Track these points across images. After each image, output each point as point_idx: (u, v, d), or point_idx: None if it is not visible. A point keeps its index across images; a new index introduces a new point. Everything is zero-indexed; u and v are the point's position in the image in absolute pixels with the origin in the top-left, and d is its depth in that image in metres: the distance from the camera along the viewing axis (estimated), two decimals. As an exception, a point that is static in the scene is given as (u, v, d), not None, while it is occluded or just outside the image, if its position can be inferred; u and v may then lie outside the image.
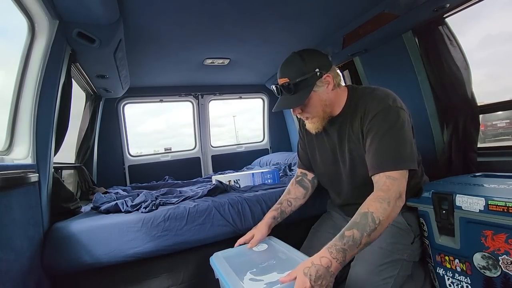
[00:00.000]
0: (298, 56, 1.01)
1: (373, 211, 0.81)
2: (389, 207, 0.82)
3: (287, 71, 1.02)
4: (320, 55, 1.04)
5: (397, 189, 0.85)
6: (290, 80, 1.00)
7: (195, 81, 2.88)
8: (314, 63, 0.99)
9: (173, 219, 1.28)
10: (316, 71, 0.98)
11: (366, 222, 0.79)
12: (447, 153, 1.65)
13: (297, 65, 1.00)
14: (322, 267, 0.74)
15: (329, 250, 0.77)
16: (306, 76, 0.98)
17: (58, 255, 1.11)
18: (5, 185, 0.87)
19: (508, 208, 0.82)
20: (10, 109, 1.11)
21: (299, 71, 0.99)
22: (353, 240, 0.78)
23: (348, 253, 0.77)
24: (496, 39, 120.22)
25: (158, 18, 1.47)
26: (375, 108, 0.95)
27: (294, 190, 1.30)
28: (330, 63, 1.04)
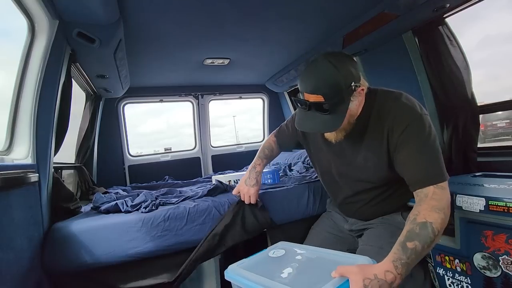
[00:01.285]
0: (332, 65, 0.84)
1: (432, 221, 0.75)
2: (444, 216, 0.78)
3: (321, 86, 0.85)
4: (350, 61, 0.90)
5: (448, 198, 0.82)
6: (325, 98, 0.85)
7: (195, 81, 2.88)
8: (350, 75, 0.86)
9: (173, 219, 1.28)
10: (352, 85, 0.86)
11: (427, 234, 0.74)
12: (447, 153, 1.65)
13: (332, 79, 0.84)
14: (386, 283, 0.67)
15: (394, 264, 0.70)
16: (343, 93, 0.85)
17: (58, 255, 1.11)
18: (5, 185, 0.87)
19: (509, 208, 0.82)
20: (10, 109, 1.11)
21: (335, 88, 0.84)
22: (415, 254, 0.72)
23: (411, 267, 0.72)
24: (494, 40, 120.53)
25: (158, 18, 1.47)
26: (406, 119, 0.88)
27: (276, 148, 1.43)
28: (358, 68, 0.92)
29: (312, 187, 1.57)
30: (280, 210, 1.48)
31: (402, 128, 0.88)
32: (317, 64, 0.87)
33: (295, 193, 1.54)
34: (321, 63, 0.86)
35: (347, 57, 0.91)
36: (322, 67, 0.86)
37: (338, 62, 0.85)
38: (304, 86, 0.89)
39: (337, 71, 0.84)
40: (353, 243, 1.22)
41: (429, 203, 0.80)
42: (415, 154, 0.86)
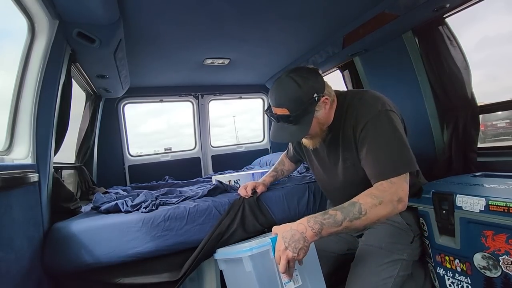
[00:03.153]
0: (293, 82, 0.94)
1: (362, 202, 0.84)
2: (379, 205, 0.84)
3: (284, 101, 0.95)
4: (314, 75, 0.98)
5: (395, 192, 0.86)
6: (289, 111, 0.94)
7: (195, 81, 2.88)
8: (311, 88, 0.94)
9: (173, 219, 1.28)
10: (314, 97, 0.94)
11: (352, 210, 0.83)
12: (447, 153, 1.65)
13: (294, 93, 0.93)
14: (297, 232, 0.81)
15: (308, 219, 0.83)
16: (306, 105, 0.93)
17: (58, 255, 1.11)
18: (5, 185, 0.87)
19: (509, 208, 0.82)
20: (10, 109, 1.11)
21: (298, 101, 0.93)
22: (333, 219, 0.82)
23: (325, 228, 0.81)
24: (493, 40, 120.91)
25: (158, 18, 1.47)
26: (365, 115, 0.95)
27: (288, 163, 1.54)
28: (323, 80, 1.01)
29: (312, 187, 1.57)
30: (280, 210, 1.48)
31: (361, 125, 0.95)
32: (281, 81, 0.97)
33: (295, 193, 1.54)
34: (284, 80, 0.96)
35: (309, 71, 0.98)
36: (285, 83, 0.96)
37: (300, 77, 0.94)
38: (272, 101, 0.99)
39: (298, 86, 0.93)
40: (353, 242, 1.22)
41: (370, 190, 0.88)
42: (371, 150, 0.92)
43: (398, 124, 0.95)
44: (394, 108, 0.99)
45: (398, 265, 1.04)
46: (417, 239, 1.12)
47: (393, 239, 1.07)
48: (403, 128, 0.98)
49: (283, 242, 0.80)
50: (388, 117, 0.93)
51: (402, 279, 1.06)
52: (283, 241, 0.80)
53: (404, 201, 0.87)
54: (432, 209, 1.05)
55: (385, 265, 1.04)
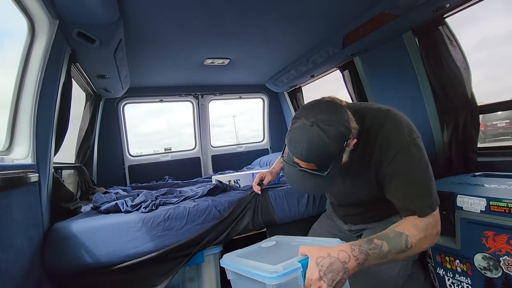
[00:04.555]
0: (323, 134, 0.76)
1: (408, 234, 0.77)
2: (424, 237, 0.78)
3: (313, 157, 0.79)
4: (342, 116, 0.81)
5: (435, 225, 0.81)
6: (318, 167, 0.80)
7: (195, 81, 2.88)
8: (341, 138, 0.78)
9: (173, 219, 1.28)
10: (345, 146, 0.80)
11: (399, 242, 0.76)
12: (447, 153, 1.65)
13: (325, 149, 0.77)
14: (338, 261, 0.69)
15: (351, 247, 0.73)
16: (337, 158, 0.80)
17: (58, 255, 1.11)
18: (5, 185, 0.87)
19: (510, 209, 0.82)
20: (10, 109, 1.11)
21: (329, 157, 0.79)
22: (379, 250, 0.74)
23: (371, 258, 0.73)
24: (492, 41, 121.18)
25: (158, 18, 1.47)
26: (392, 148, 0.84)
27: None
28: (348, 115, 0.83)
29: (312, 187, 1.57)
30: (280, 210, 1.48)
31: (389, 159, 0.85)
32: (308, 132, 0.78)
33: (295, 193, 1.54)
34: (312, 131, 0.78)
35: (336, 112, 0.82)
36: (313, 136, 0.77)
37: (329, 126, 0.78)
38: (294, 152, 0.82)
39: (328, 139, 0.76)
40: None
41: (414, 221, 0.80)
42: (403, 186, 0.84)
43: (425, 152, 0.86)
44: (416, 130, 0.89)
45: (398, 265, 1.04)
46: None
47: None
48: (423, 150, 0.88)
49: (317, 270, 0.69)
50: (417, 148, 0.84)
51: (402, 279, 1.06)
52: (318, 269, 0.69)
53: (439, 230, 0.82)
54: (432, 209, 1.05)
55: (385, 266, 1.04)
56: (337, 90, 2.77)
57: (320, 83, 2.92)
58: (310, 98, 3.40)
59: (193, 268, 1.42)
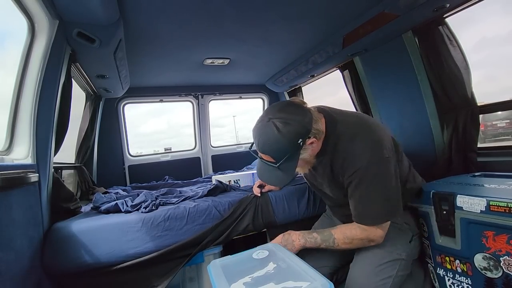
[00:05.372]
0: (275, 129, 0.87)
1: (336, 238, 1.02)
2: (350, 244, 1.02)
3: (268, 149, 0.91)
4: (299, 116, 0.90)
5: (366, 237, 1.00)
6: (274, 159, 0.92)
7: (195, 81, 2.87)
8: (295, 135, 0.88)
9: (173, 219, 1.28)
10: (299, 143, 0.90)
11: (328, 240, 1.04)
12: (447, 153, 1.65)
13: (277, 143, 0.88)
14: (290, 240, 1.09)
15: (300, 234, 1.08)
16: (289, 153, 0.90)
17: (58, 255, 1.11)
18: (5, 185, 0.87)
19: (510, 209, 0.82)
20: (10, 109, 1.11)
21: (281, 151, 0.89)
22: (315, 240, 1.06)
23: (308, 243, 1.06)
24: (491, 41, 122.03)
25: (158, 18, 1.47)
26: (355, 165, 0.93)
27: None
28: (310, 117, 0.93)
29: (312, 187, 1.57)
30: (280, 211, 1.48)
31: (349, 172, 0.95)
32: (263, 126, 0.91)
33: (295, 193, 1.54)
34: (266, 126, 0.90)
35: (294, 112, 0.91)
36: (267, 130, 0.89)
37: (282, 123, 0.88)
38: (255, 144, 0.96)
39: (280, 135, 0.87)
40: None
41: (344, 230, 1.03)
42: (355, 197, 0.98)
43: (387, 173, 0.94)
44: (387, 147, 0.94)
45: (397, 265, 1.05)
46: (416, 238, 1.12)
47: (392, 238, 1.08)
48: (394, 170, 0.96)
49: (281, 241, 1.09)
50: (378, 168, 0.92)
51: (401, 279, 1.06)
52: (282, 240, 1.09)
53: (376, 241, 1.00)
54: (432, 209, 1.05)
55: (384, 265, 1.04)
56: (337, 90, 2.77)
57: (320, 83, 2.92)
58: (310, 98, 3.40)
59: (193, 268, 1.42)
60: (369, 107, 2.23)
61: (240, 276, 0.84)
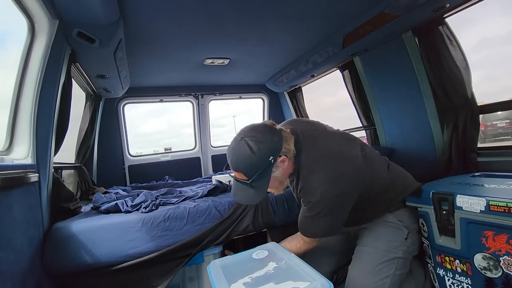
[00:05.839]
0: (247, 147, 0.93)
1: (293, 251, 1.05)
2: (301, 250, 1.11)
3: (240, 167, 0.96)
4: (270, 135, 0.96)
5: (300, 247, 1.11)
6: (246, 176, 0.96)
7: (195, 81, 2.87)
8: (266, 153, 0.94)
9: (173, 219, 1.28)
10: (271, 160, 0.94)
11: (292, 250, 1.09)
12: (447, 153, 1.65)
13: (248, 160, 0.94)
14: None
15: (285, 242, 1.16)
16: (261, 170, 0.94)
17: (58, 255, 1.11)
18: (5, 185, 0.87)
19: (510, 208, 0.82)
20: (10, 109, 1.11)
21: (253, 168, 0.94)
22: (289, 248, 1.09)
23: None
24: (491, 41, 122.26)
25: (158, 18, 1.47)
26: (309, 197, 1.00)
27: None
28: (280, 137, 0.98)
29: (312, 187, 1.57)
30: (280, 212, 1.49)
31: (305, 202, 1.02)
32: (236, 145, 0.97)
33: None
34: (239, 145, 0.96)
35: (265, 132, 0.97)
36: (240, 148, 0.95)
37: (254, 141, 0.94)
38: (229, 163, 1.00)
39: (252, 152, 0.92)
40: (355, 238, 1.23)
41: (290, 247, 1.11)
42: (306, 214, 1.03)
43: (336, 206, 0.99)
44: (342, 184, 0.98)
45: (394, 264, 1.06)
46: (412, 235, 1.12)
47: (387, 237, 1.09)
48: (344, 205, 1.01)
49: None
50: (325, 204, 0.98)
51: (399, 277, 1.07)
52: None
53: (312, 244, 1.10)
54: (432, 209, 1.05)
55: (381, 265, 1.05)
56: (337, 90, 2.78)
57: (320, 83, 2.92)
58: (310, 98, 3.40)
59: (193, 268, 1.42)
60: (369, 107, 2.23)
61: (240, 276, 0.85)
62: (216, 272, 0.90)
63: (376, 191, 1.07)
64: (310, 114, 3.21)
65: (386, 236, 1.09)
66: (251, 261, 0.96)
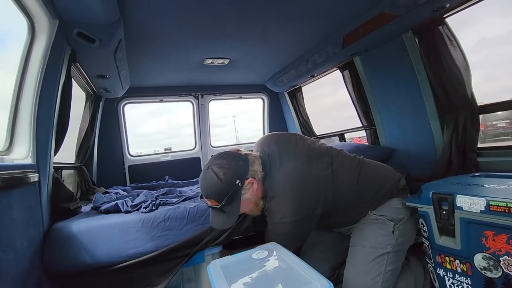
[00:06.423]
0: (214, 175, 1.00)
1: None
2: None
3: (210, 194, 1.02)
4: (234, 161, 1.03)
5: None
6: (217, 202, 1.01)
7: (195, 81, 2.88)
8: (232, 178, 1.00)
9: (173, 219, 1.28)
10: (238, 183, 1.00)
11: None
12: (447, 153, 1.65)
13: (216, 186, 1.00)
14: None
15: None
16: (230, 193, 0.99)
17: (58, 255, 1.11)
18: (5, 185, 0.87)
19: (509, 208, 0.82)
20: (10, 109, 1.11)
21: (221, 193, 1.00)
22: None
23: None
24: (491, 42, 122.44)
25: (158, 18, 1.47)
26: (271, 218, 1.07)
27: None
28: (246, 161, 1.05)
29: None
30: (280, 210, 1.48)
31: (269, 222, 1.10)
32: (204, 174, 1.04)
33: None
34: (206, 173, 1.03)
35: (229, 158, 1.05)
36: (207, 177, 1.02)
37: (219, 168, 1.01)
38: (201, 191, 1.06)
39: (218, 179, 0.99)
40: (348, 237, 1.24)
41: None
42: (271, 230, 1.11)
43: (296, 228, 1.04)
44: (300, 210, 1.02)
45: (384, 260, 1.07)
46: (399, 226, 1.13)
47: (375, 234, 1.10)
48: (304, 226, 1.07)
49: None
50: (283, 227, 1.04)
51: (392, 273, 1.08)
52: None
53: None
54: (432, 210, 1.05)
55: (371, 264, 1.06)
56: (337, 90, 2.78)
57: (320, 83, 2.92)
58: (310, 98, 3.40)
59: (191, 269, 1.42)
60: (369, 107, 2.23)
61: (240, 276, 0.84)
62: (216, 272, 0.90)
63: (342, 205, 1.12)
64: (310, 114, 3.21)
65: (373, 233, 1.12)
66: (251, 261, 0.96)
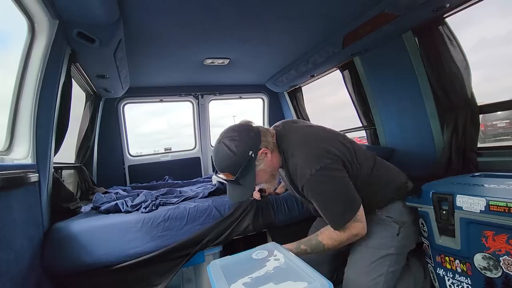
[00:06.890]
0: (225, 148, 0.99)
1: (324, 244, 1.02)
2: (338, 245, 1.01)
3: (224, 167, 1.01)
4: (244, 132, 1.02)
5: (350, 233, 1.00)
6: (232, 174, 1.00)
7: (195, 81, 2.88)
8: (245, 149, 0.99)
9: (173, 219, 1.28)
10: (251, 154, 0.99)
11: (318, 247, 1.02)
12: (447, 153, 1.64)
13: (229, 159, 0.99)
14: None
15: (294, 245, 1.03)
16: (243, 165, 0.98)
17: (58, 255, 1.11)
18: (5, 185, 0.87)
19: (509, 208, 0.82)
20: (10, 109, 1.11)
21: (235, 165, 0.99)
22: (305, 251, 1.02)
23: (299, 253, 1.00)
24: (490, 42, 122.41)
25: (158, 18, 1.47)
26: (300, 179, 1.01)
27: None
28: (258, 132, 1.03)
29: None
30: (280, 213, 1.49)
31: (300, 186, 1.03)
32: (217, 148, 1.03)
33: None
34: (218, 147, 1.02)
35: (239, 130, 1.03)
36: (220, 151, 1.01)
37: (231, 141, 1.00)
38: (215, 166, 1.05)
39: (230, 151, 0.98)
40: None
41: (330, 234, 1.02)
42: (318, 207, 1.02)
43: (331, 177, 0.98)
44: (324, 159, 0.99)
45: (387, 261, 1.06)
46: (404, 230, 1.12)
47: (378, 235, 1.09)
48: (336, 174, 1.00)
49: None
50: (320, 178, 0.98)
51: (393, 274, 1.07)
52: None
53: (361, 233, 1.01)
54: (432, 209, 1.05)
55: (373, 264, 1.06)
56: (337, 90, 2.78)
57: (320, 83, 2.92)
58: (310, 98, 3.40)
59: (193, 268, 1.42)
60: (369, 107, 2.23)
61: (240, 276, 0.84)
62: (216, 272, 0.90)
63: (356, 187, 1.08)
64: (310, 114, 3.21)
65: (377, 234, 1.10)
66: (251, 261, 0.96)
